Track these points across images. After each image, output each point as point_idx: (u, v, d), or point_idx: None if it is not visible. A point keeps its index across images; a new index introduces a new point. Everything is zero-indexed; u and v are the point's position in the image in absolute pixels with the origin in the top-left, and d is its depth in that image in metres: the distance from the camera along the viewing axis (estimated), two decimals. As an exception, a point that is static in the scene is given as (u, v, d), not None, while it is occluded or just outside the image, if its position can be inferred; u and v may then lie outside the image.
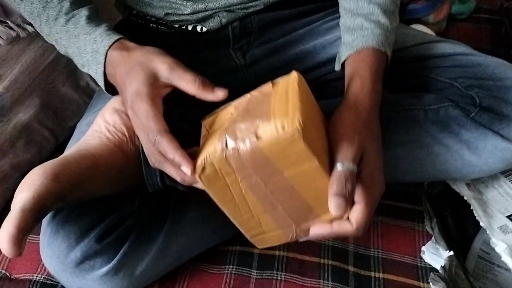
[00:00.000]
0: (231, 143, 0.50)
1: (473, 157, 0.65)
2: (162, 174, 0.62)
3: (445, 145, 0.66)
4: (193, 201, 0.70)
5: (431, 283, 0.65)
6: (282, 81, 0.53)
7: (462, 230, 0.74)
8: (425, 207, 0.75)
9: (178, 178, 0.55)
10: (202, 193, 0.55)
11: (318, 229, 0.55)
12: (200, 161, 0.52)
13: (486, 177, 0.71)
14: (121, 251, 0.64)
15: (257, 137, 0.49)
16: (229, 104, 0.56)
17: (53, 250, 0.63)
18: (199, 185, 0.55)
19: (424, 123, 0.67)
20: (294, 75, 0.53)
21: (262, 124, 0.49)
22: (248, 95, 0.55)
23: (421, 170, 0.68)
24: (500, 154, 0.64)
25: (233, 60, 0.77)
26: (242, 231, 0.59)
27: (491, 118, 0.65)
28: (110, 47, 0.60)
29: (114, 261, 0.63)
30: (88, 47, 0.61)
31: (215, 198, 0.56)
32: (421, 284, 0.70)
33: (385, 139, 0.59)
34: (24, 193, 0.55)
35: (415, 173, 0.68)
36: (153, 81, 0.56)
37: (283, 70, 0.51)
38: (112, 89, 0.63)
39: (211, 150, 0.52)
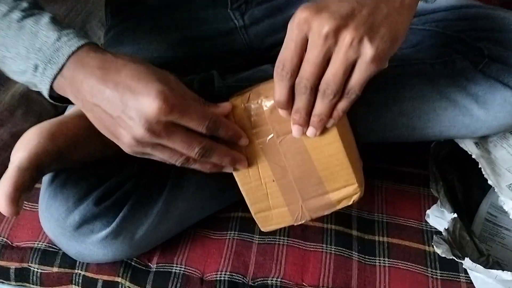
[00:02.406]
0: (254, 98, 0.52)
1: (482, 112, 0.63)
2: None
3: (452, 100, 0.63)
4: (193, 166, 0.69)
5: (434, 246, 0.64)
6: None
7: (468, 194, 0.73)
8: (431, 170, 0.73)
9: (226, 161, 0.53)
10: None
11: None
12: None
13: (494, 136, 0.69)
14: (120, 215, 0.63)
15: None
16: (255, 85, 0.55)
17: (52, 214, 0.62)
18: None
19: (431, 77, 0.65)
20: None
21: None
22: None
23: (428, 127, 0.66)
24: (509, 107, 0.62)
25: (232, 21, 0.75)
26: (249, 204, 0.58)
27: (500, 69, 0.62)
28: (80, 47, 0.49)
29: (114, 225, 0.62)
30: (46, 46, 0.49)
31: None
32: (427, 248, 0.69)
33: (391, 95, 0.58)
34: (21, 152, 0.55)
35: (422, 130, 0.66)
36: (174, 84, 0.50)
37: (285, 32, 0.50)
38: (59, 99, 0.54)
39: (235, 102, 0.53)
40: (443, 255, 0.61)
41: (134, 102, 0.46)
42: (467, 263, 0.58)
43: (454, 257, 0.60)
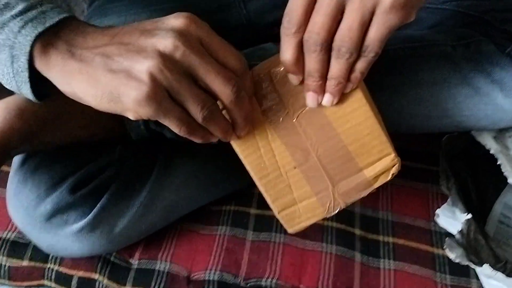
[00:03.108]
0: (261, 71, 0.45)
1: (506, 101, 0.57)
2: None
3: (474, 87, 0.57)
4: (183, 152, 0.62)
5: (447, 249, 0.58)
6: None
7: (481, 193, 0.67)
8: (442, 166, 0.68)
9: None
10: (193, 143, 0.45)
11: None
12: None
13: (513, 130, 0.63)
14: (98, 205, 0.56)
15: None
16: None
17: (21, 202, 0.56)
18: None
19: (452, 61, 0.58)
20: None
21: None
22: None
23: (446, 116, 0.59)
24: None
25: None
26: (269, 202, 0.50)
27: None
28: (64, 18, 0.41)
29: (90, 216, 0.56)
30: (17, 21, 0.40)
31: (236, 145, 0.47)
32: (435, 250, 0.63)
33: (407, 79, 0.51)
34: None
35: (438, 119, 0.60)
36: None
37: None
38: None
39: None
40: (457, 260, 0.55)
41: (156, 24, 0.39)
42: (485, 270, 0.52)
43: (470, 263, 0.54)
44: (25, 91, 0.41)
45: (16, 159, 0.58)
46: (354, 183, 0.49)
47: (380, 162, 0.48)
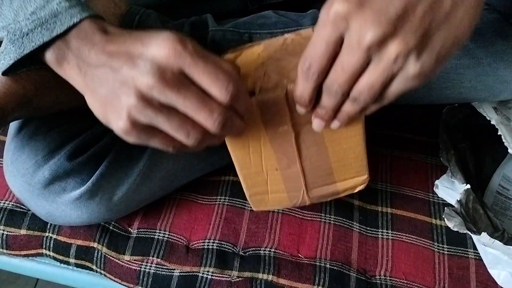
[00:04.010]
0: (271, 79, 0.44)
1: (507, 72, 0.56)
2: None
3: (476, 57, 0.56)
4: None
5: (445, 219, 0.58)
6: None
7: (480, 164, 0.67)
8: (441, 137, 0.67)
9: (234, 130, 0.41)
10: None
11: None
12: None
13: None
14: (97, 172, 0.56)
15: None
16: (256, 43, 0.47)
17: (18, 169, 0.55)
18: None
19: None
20: None
21: None
22: (280, 37, 0.47)
23: (447, 87, 0.59)
24: None
25: None
26: (244, 186, 0.53)
27: None
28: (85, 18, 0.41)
29: (89, 183, 0.55)
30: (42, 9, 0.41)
31: (228, 139, 0.48)
32: (433, 221, 0.63)
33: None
34: None
35: (439, 90, 0.59)
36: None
37: None
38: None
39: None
40: (455, 229, 0.56)
41: (141, 49, 0.38)
42: (483, 238, 0.53)
43: (468, 231, 0.55)
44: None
45: (13, 126, 0.58)
46: (325, 192, 0.54)
47: (353, 179, 0.53)
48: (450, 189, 0.62)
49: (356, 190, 0.54)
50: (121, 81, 0.38)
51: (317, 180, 0.52)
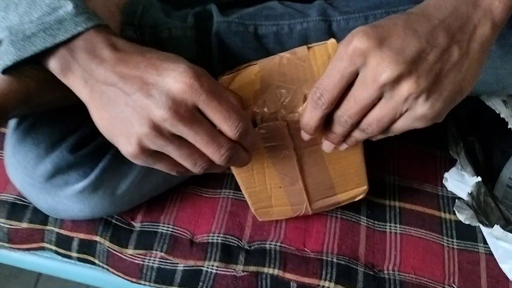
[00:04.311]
0: (272, 107, 0.46)
1: None
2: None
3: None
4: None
5: (456, 211, 0.57)
6: (318, 46, 0.48)
7: (489, 157, 0.66)
8: (449, 130, 0.66)
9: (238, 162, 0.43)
10: None
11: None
12: None
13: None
14: (100, 165, 0.55)
15: None
16: (251, 63, 0.48)
17: (19, 161, 0.54)
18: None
19: None
20: (332, 41, 0.48)
21: (308, 88, 0.46)
22: (276, 57, 0.48)
23: None
24: None
25: None
26: (249, 202, 0.56)
27: None
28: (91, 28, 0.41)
29: (92, 176, 0.54)
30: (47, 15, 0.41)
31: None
32: (442, 214, 0.62)
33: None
34: None
35: None
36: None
37: None
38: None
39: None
40: (467, 222, 0.54)
41: (157, 78, 0.38)
42: (496, 231, 0.51)
43: (480, 224, 0.53)
44: None
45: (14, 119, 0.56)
46: (327, 203, 0.57)
47: (353, 191, 0.55)
48: (460, 182, 0.61)
49: (357, 199, 0.57)
50: (134, 108, 0.38)
51: (319, 194, 0.55)
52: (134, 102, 0.38)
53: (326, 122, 0.43)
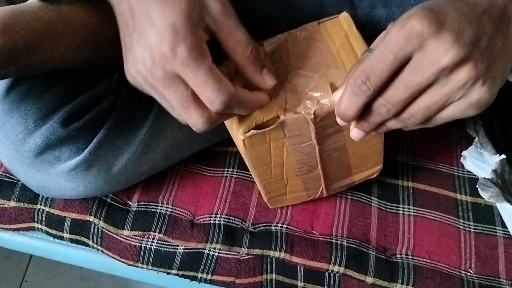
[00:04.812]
0: (294, 101, 0.43)
1: None
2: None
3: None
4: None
5: (480, 189, 0.53)
6: (330, 21, 0.46)
7: (508, 135, 0.62)
8: (467, 107, 0.62)
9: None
10: None
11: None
12: (249, 121, 0.43)
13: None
14: (94, 140, 0.51)
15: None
16: (258, 43, 0.45)
17: (6, 134, 0.50)
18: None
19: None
20: (344, 15, 0.46)
21: (333, 76, 0.43)
22: (284, 35, 0.46)
23: None
24: None
25: None
26: (262, 192, 0.53)
27: None
28: None
29: (85, 153, 0.50)
30: None
31: (249, 160, 0.47)
32: (458, 196, 0.59)
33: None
34: None
35: None
36: (197, 17, 0.38)
37: None
38: None
39: (266, 112, 0.43)
40: (491, 200, 0.52)
41: (146, 27, 0.37)
42: (523, 211, 0.48)
43: (507, 202, 0.50)
44: None
45: (0, 88, 0.52)
46: (342, 184, 0.55)
47: (369, 170, 0.54)
48: (479, 161, 0.57)
49: (370, 178, 0.55)
50: (131, 45, 0.38)
51: (335, 177, 0.53)
52: (130, 40, 0.38)
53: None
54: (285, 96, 0.43)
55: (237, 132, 0.43)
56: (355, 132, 0.42)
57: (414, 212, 0.58)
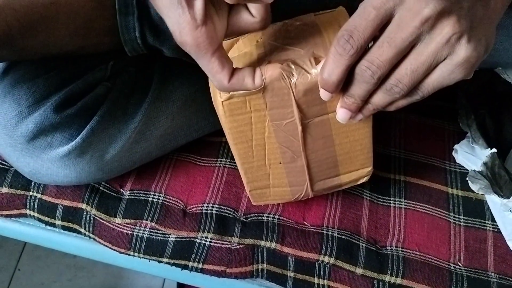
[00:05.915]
0: (276, 72, 0.41)
1: None
2: (143, 30, 0.48)
3: (510, 17, 0.52)
4: (182, 73, 0.56)
5: (469, 181, 0.54)
6: (326, 14, 0.46)
7: (499, 131, 0.63)
8: (460, 103, 0.63)
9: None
10: (195, 65, 0.41)
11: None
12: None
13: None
14: (88, 127, 0.51)
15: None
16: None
17: (-2, 120, 0.49)
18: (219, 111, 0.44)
19: None
20: (341, 9, 0.46)
21: (318, 51, 0.42)
22: (279, 23, 0.46)
23: None
24: None
25: None
26: (245, 181, 0.51)
27: None
28: None
29: (78, 139, 0.50)
30: None
31: (229, 132, 0.46)
32: (449, 190, 0.59)
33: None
34: None
35: None
36: None
37: None
38: None
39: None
40: (480, 192, 0.52)
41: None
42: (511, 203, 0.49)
43: (495, 194, 0.51)
44: None
45: (-7, 71, 0.52)
46: (328, 185, 0.52)
47: (358, 172, 0.51)
48: (470, 155, 0.58)
49: (359, 182, 0.53)
50: None
51: (321, 173, 0.51)
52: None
53: (344, 85, 0.38)
54: (267, 64, 0.42)
55: (217, 96, 0.43)
56: (341, 113, 0.41)
57: (405, 205, 0.58)
